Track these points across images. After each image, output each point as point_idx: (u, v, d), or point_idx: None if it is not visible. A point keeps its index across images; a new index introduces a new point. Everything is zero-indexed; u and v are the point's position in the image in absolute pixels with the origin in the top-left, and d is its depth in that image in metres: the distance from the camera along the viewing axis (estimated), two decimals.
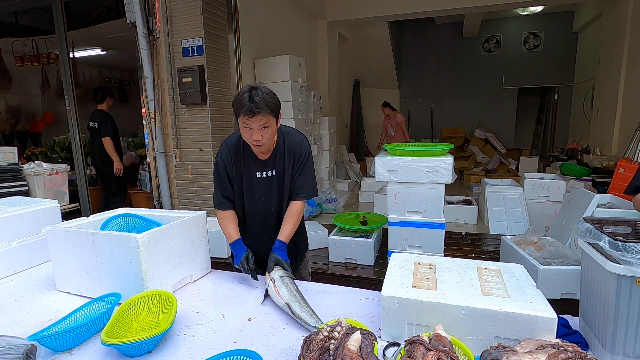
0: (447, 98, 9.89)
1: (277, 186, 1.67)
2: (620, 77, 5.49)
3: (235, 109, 1.48)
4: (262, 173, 1.65)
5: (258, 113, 1.43)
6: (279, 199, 1.70)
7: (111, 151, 4.49)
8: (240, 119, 1.48)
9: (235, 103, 1.47)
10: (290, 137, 1.67)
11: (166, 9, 3.62)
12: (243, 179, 1.66)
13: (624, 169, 3.54)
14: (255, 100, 1.43)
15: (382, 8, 6.30)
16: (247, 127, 1.48)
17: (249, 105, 1.43)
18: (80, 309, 1.28)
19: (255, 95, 1.44)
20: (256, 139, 1.49)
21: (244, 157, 1.64)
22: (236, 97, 1.48)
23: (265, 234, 1.73)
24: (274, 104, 1.48)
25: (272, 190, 1.68)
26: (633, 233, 1.17)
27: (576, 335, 1.13)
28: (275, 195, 1.68)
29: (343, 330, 0.98)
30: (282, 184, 1.68)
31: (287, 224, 1.65)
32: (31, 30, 5.90)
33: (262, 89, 1.47)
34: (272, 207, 1.70)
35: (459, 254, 3.35)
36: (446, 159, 2.63)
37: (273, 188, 1.67)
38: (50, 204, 1.99)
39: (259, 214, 1.71)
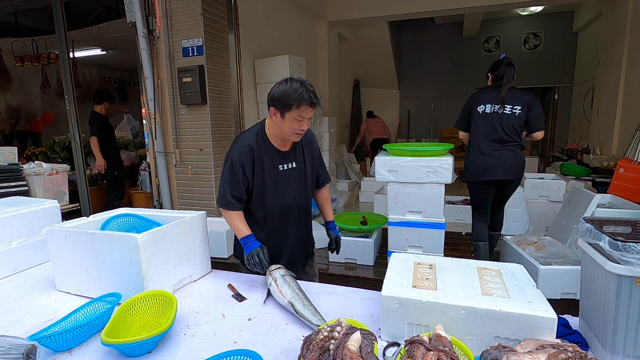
0: (447, 98, 9.88)
1: (298, 177, 1.70)
2: (620, 77, 5.49)
3: (291, 101, 1.47)
4: (283, 165, 1.66)
5: (314, 105, 1.50)
6: (300, 190, 1.72)
7: (95, 149, 4.66)
8: (293, 111, 1.49)
9: (290, 96, 1.47)
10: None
11: (166, 9, 3.62)
12: (265, 174, 1.63)
13: (624, 169, 3.53)
14: (313, 91, 1.49)
15: (382, 8, 6.29)
16: (299, 118, 1.50)
17: (310, 97, 1.47)
18: (80, 309, 1.28)
19: (309, 87, 1.49)
20: (304, 128, 1.55)
21: (265, 152, 1.63)
22: (286, 90, 1.48)
23: (287, 229, 1.74)
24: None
25: (294, 182, 1.69)
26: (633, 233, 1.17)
27: (576, 335, 1.13)
28: (297, 186, 1.70)
29: (343, 330, 0.98)
30: (304, 175, 1.71)
31: (327, 206, 1.90)
32: (31, 30, 5.90)
33: (307, 82, 1.51)
34: (294, 199, 1.71)
35: (459, 254, 3.34)
36: (446, 159, 2.62)
37: (294, 179, 1.69)
38: (50, 204, 1.99)
39: (282, 208, 1.70)
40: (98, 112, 4.72)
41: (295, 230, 1.75)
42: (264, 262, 1.53)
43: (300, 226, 1.78)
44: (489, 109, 2.76)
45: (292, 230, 1.75)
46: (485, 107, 2.78)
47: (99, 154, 4.67)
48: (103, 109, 4.76)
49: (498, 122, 2.72)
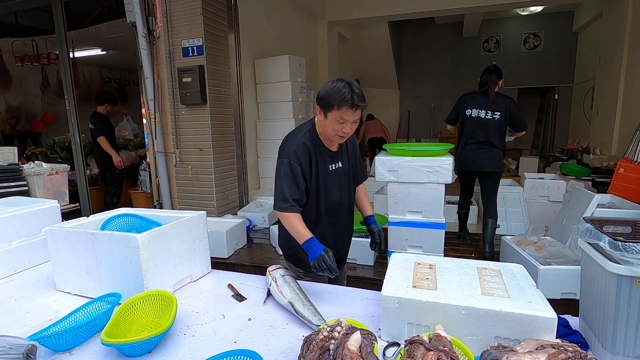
0: (447, 98, 9.87)
1: (344, 176, 1.72)
2: (620, 77, 5.49)
3: (332, 102, 1.45)
4: (332, 165, 1.66)
5: (359, 107, 1.45)
6: (346, 188, 1.74)
7: (107, 148, 4.70)
8: (334, 112, 1.46)
9: (332, 96, 1.45)
10: None
11: (166, 9, 3.63)
12: (319, 175, 1.62)
13: (624, 169, 3.53)
14: (358, 93, 1.44)
15: (382, 8, 6.30)
16: (341, 120, 1.47)
17: (353, 99, 1.43)
18: (80, 309, 1.28)
19: (355, 89, 1.44)
20: (347, 131, 1.51)
21: (318, 152, 1.61)
22: (330, 90, 1.46)
23: (335, 228, 1.75)
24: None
25: (341, 181, 1.71)
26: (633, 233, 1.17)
27: (576, 335, 1.13)
28: (343, 185, 1.72)
29: (343, 330, 0.98)
30: (349, 173, 1.74)
31: (366, 201, 1.90)
32: (31, 30, 5.90)
33: (355, 83, 1.47)
34: (341, 198, 1.72)
35: (459, 254, 3.34)
36: (446, 159, 2.62)
37: (342, 178, 1.71)
38: (50, 204, 1.99)
39: (331, 207, 1.71)
40: (101, 113, 4.80)
41: (342, 229, 1.79)
42: (332, 267, 1.44)
43: (347, 224, 1.82)
44: (475, 114, 3.23)
45: (340, 228, 1.78)
46: (472, 111, 3.24)
47: (113, 151, 4.76)
48: (104, 110, 4.84)
49: (482, 126, 3.20)
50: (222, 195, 4.02)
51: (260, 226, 4.05)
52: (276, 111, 4.76)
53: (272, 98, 4.73)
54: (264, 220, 4.04)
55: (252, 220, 4.00)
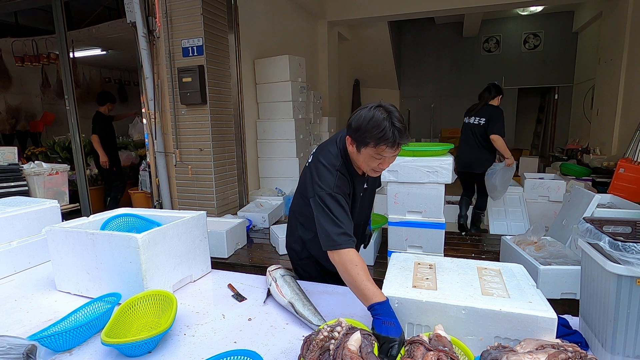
0: (447, 98, 9.89)
1: (369, 197, 1.67)
2: (620, 77, 5.49)
3: (368, 139, 1.23)
4: (361, 190, 1.53)
5: (400, 146, 1.24)
6: (369, 208, 1.71)
7: (97, 146, 4.90)
8: (370, 149, 1.25)
9: (370, 131, 1.22)
10: None
11: (166, 9, 3.62)
12: (350, 200, 1.46)
13: (624, 169, 3.54)
14: (399, 128, 1.21)
15: (382, 8, 6.30)
16: (378, 157, 1.27)
17: (394, 137, 1.21)
18: (80, 309, 1.28)
19: (396, 122, 1.21)
20: (383, 167, 1.33)
21: (351, 180, 1.43)
22: (368, 122, 1.22)
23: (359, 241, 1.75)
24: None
25: (366, 203, 1.64)
26: (633, 233, 1.17)
27: (576, 335, 1.13)
28: (368, 206, 1.68)
29: (343, 330, 0.98)
30: (373, 194, 1.70)
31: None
32: (31, 30, 5.90)
33: (396, 113, 1.24)
34: (364, 217, 1.69)
35: (459, 254, 3.34)
36: (446, 159, 2.62)
37: (366, 202, 1.64)
38: (50, 204, 1.99)
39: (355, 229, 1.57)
40: (102, 113, 4.96)
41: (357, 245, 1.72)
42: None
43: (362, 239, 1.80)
44: (466, 120, 3.91)
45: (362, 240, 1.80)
46: (466, 118, 3.94)
47: (102, 150, 4.90)
48: (106, 110, 4.97)
49: (470, 130, 3.83)
50: (222, 195, 4.02)
51: (260, 226, 4.05)
52: (276, 111, 4.76)
53: (272, 98, 4.73)
54: (264, 220, 4.04)
55: (252, 220, 4.00)
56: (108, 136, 5.03)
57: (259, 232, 3.98)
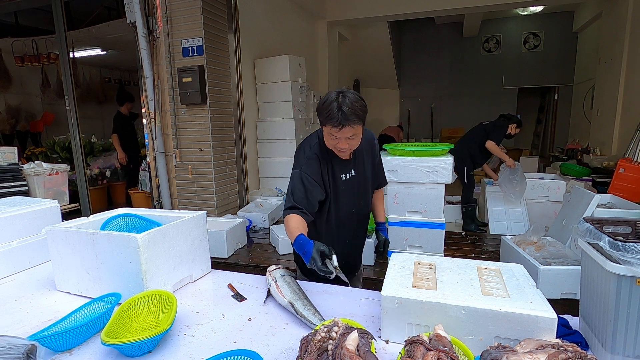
0: (447, 98, 9.89)
1: (357, 184, 1.63)
2: (620, 77, 5.49)
3: (321, 118, 1.39)
4: (345, 175, 1.58)
5: (346, 125, 1.34)
6: (361, 197, 1.66)
7: (116, 145, 5.20)
8: (325, 127, 1.40)
9: (322, 111, 1.37)
10: (364, 133, 1.58)
11: (166, 9, 3.63)
12: (330, 185, 1.56)
13: (624, 169, 3.54)
14: (344, 111, 1.32)
15: (382, 8, 6.30)
16: (333, 137, 1.40)
17: (338, 117, 1.33)
18: (80, 309, 1.28)
19: (343, 105, 1.33)
20: (342, 147, 1.43)
21: (328, 163, 1.54)
22: (322, 104, 1.38)
23: (344, 238, 1.70)
24: (363, 111, 1.38)
25: (355, 190, 1.63)
26: (633, 233, 1.17)
27: (576, 335, 1.13)
28: (357, 194, 1.64)
29: (340, 330, 0.98)
30: (364, 182, 1.65)
31: (380, 207, 1.84)
32: (31, 30, 5.90)
33: (350, 96, 1.36)
34: (354, 207, 1.66)
35: (459, 254, 3.34)
36: (446, 159, 2.62)
37: (355, 187, 1.63)
38: (50, 204, 1.99)
39: (341, 219, 1.64)
40: (121, 112, 5.16)
41: (352, 237, 1.72)
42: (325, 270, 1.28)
43: (359, 233, 1.76)
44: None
45: (351, 237, 1.72)
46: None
47: (120, 149, 5.18)
48: (126, 109, 5.15)
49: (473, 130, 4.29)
50: (222, 195, 4.02)
51: (260, 226, 4.05)
52: (276, 111, 4.76)
53: (272, 98, 4.74)
54: (264, 220, 4.04)
55: (252, 220, 4.00)
56: (128, 135, 5.19)
57: (259, 232, 3.98)
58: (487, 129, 4.07)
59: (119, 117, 5.15)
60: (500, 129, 4.05)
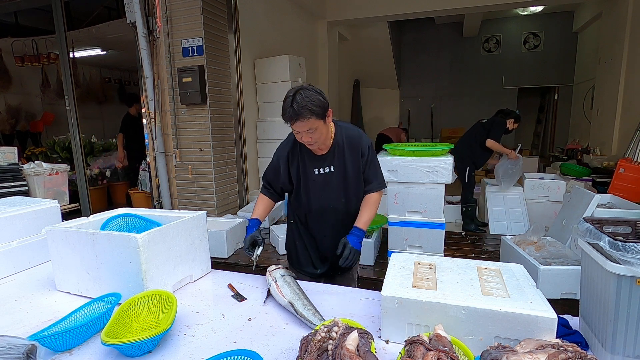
0: (447, 98, 9.89)
1: (336, 182, 1.63)
2: (620, 77, 5.49)
3: (281, 113, 1.46)
4: (319, 169, 1.61)
5: (298, 120, 1.40)
6: (339, 194, 1.65)
7: (119, 144, 5.38)
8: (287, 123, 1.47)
9: (282, 107, 1.45)
10: (348, 131, 1.63)
11: (166, 9, 3.62)
12: (300, 176, 1.64)
13: (624, 169, 3.54)
14: (294, 107, 1.39)
15: (382, 8, 6.30)
16: (295, 131, 1.48)
17: (289, 112, 1.40)
18: (80, 309, 1.28)
19: (294, 102, 1.39)
20: (306, 141, 1.50)
21: (301, 153, 1.61)
22: (283, 100, 1.45)
23: (326, 231, 1.71)
24: (316, 105, 1.41)
25: (331, 187, 1.64)
26: (633, 233, 1.17)
27: (576, 335, 1.13)
28: (335, 191, 1.64)
29: (340, 330, 0.98)
30: (344, 180, 1.64)
31: (363, 212, 1.66)
32: (31, 30, 5.90)
33: (306, 91, 1.41)
34: (331, 203, 1.66)
35: (459, 254, 3.34)
36: (446, 159, 2.62)
37: (332, 184, 1.63)
38: (50, 204, 1.99)
39: (319, 210, 1.67)
40: (130, 114, 5.25)
41: (333, 234, 1.69)
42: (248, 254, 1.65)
43: (340, 230, 1.68)
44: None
45: (330, 233, 1.70)
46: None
47: (121, 148, 5.37)
48: (135, 110, 5.20)
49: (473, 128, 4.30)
50: (222, 195, 4.02)
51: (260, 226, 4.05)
52: (276, 111, 4.73)
53: (272, 98, 4.73)
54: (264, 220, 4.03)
55: None
56: (135, 136, 5.20)
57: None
58: (487, 127, 4.11)
59: (128, 118, 5.19)
60: (499, 126, 4.10)
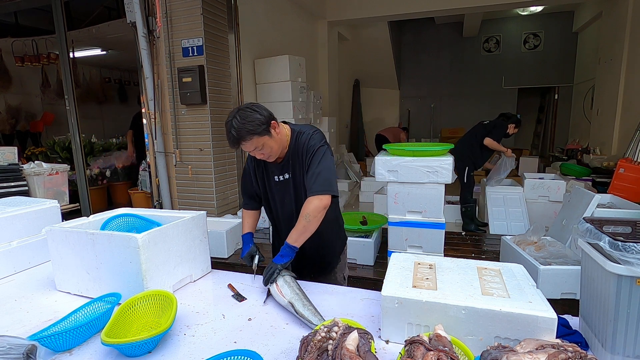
0: (447, 98, 9.89)
1: (292, 188, 1.64)
2: (620, 77, 5.49)
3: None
4: (279, 177, 1.63)
5: (240, 144, 1.45)
6: (297, 200, 1.65)
7: (128, 141, 5.47)
8: None
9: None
10: (300, 136, 1.60)
11: (166, 9, 3.62)
12: (266, 184, 1.68)
13: (624, 169, 3.53)
14: (233, 133, 1.43)
15: (382, 8, 6.30)
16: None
17: (230, 139, 1.45)
18: (80, 309, 1.28)
19: (232, 128, 1.42)
20: (259, 157, 1.54)
21: (263, 162, 1.63)
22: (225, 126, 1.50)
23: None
24: (254, 125, 1.41)
25: (289, 193, 1.65)
26: (633, 233, 1.17)
27: (576, 335, 1.13)
28: (293, 197, 1.65)
29: (340, 330, 0.98)
30: (297, 185, 1.63)
31: (297, 222, 1.50)
32: (31, 30, 5.89)
33: (242, 113, 1.42)
34: (292, 210, 1.66)
35: (459, 254, 3.34)
36: (446, 159, 2.62)
37: (289, 191, 1.64)
38: (50, 204, 1.99)
39: (282, 218, 1.70)
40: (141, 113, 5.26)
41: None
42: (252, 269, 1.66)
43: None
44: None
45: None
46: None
47: (130, 145, 5.45)
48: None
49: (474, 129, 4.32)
50: (222, 195, 4.02)
51: (260, 226, 4.05)
52: (276, 111, 4.67)
53: (272, 98, 4.73)
54: (264, 220, 4.03)
55: None
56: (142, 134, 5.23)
57: (259, 232, 3.97)
58: (488, 128, 4.15)
59: (138, 117, 5.12)
60: (501, 128, 4.15)
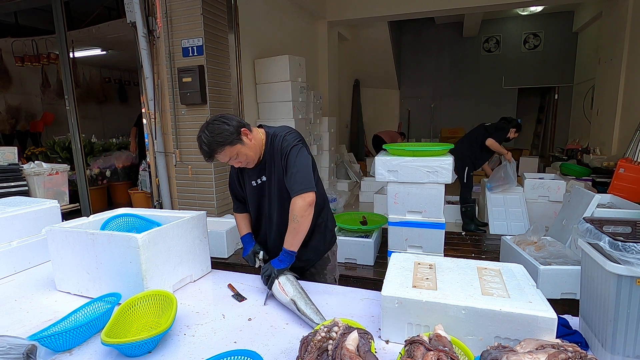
0: (447, 98, 9.89)
1: (269, 191, 1.62)
2: (620, 77, 5.49)
3: None
4: (256, 181, 1.64)
5: (213, 157, 1.49)
6: (273, 203, 1.63)
7: (131, 137, 5.54)
8: None
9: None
10: (275, 139, 1.58)
11: (166, 9, 3.62)
12: (245, 187, 1.71)
13: (624, 169, 3.53)
14: (204, 148, 1.47)
15: (382, 8, 6.29)
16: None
17: (203, 154, 1.49)
18: (80, 309, 1.28)
19: (203, 144, 1.46)
20: (237, 165, 1.58)
21: (240, 168, 1.66)
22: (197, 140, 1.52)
23: (271, 237, 1.70)
24: (225, 135, 1.43)
25: (266, 196, 1.64)
26: (633, 233, 1.17)
27: (576, 335, 1.13)
28: (268, 200, 1.64)
29: (340, 330, 0.98)
30: (274, 188, 1.60)
31: (289, 228, 1.49)
32: (31, 30, 5.89)
33: (210, 127, 1.46)
34: (270, 212, 1.65)
35: (459, 254, 3.34)
36: (446, 159, 2.62)
37: (266, 194, 1.64)
38: (50, 204, 1.99)
39: (264, 218, 1.70)
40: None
41: (278, 240, 1.61)
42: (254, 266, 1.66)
43: (278, 241, 1.59)
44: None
45: (275, 239, 1.66)
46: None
47: (133, 142, 5.52)
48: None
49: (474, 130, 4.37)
50: (222, 195, 4.02)
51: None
52: (276, 111, 4.75)
53: (272, 98, 4.73)
54: None
55: None
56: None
57: None
58: (490, 130, 4.17)
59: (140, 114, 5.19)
60: (503, 131, 4.21)
